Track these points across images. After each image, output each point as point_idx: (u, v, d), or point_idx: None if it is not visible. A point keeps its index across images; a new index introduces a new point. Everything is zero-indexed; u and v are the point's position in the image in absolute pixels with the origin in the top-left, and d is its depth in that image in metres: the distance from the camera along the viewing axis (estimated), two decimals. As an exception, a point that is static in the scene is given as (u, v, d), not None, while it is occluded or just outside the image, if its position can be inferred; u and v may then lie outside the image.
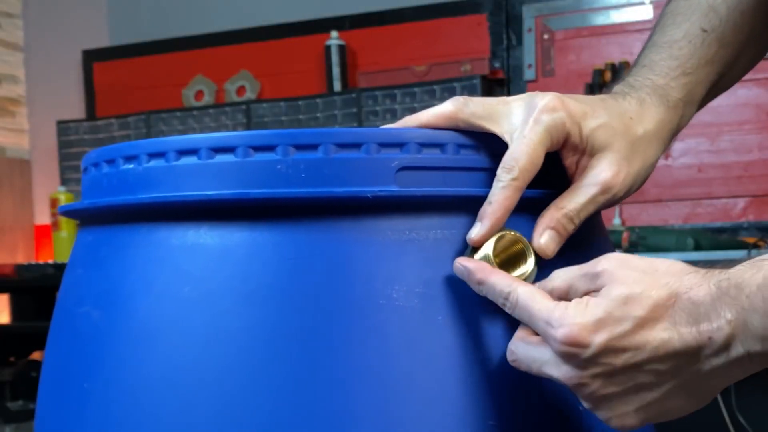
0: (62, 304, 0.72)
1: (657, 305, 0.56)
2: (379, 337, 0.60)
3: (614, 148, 0.66)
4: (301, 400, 0.59)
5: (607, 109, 0.67)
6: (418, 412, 0.60)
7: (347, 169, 0.61)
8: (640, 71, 0.74)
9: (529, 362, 0.59)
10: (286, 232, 0.61)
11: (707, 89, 0.77)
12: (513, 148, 0.63)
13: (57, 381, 0.70)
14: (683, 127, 0.74)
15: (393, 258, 0.61)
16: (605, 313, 0.56)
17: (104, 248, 0.67)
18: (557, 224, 0.64)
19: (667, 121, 0.71)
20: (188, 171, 0.62)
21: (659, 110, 0.70)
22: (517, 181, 0.62)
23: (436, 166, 0.63)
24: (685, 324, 0.55)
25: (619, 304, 0.56)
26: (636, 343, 0.56)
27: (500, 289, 0.60)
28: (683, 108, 0.73)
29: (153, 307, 0.63)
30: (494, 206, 0.62)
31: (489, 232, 0.62)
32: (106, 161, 0.67)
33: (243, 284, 0.61)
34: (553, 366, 0.58)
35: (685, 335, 0.55)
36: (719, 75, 0.77)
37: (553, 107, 0.63)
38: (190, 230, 0.62)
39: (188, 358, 0.61)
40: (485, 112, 0.65)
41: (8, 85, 3.55)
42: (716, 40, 0.76)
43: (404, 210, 0.62)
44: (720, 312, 0.55)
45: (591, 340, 0.56)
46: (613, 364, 0.56)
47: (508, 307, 0.60)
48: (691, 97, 0.74)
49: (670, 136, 0.72)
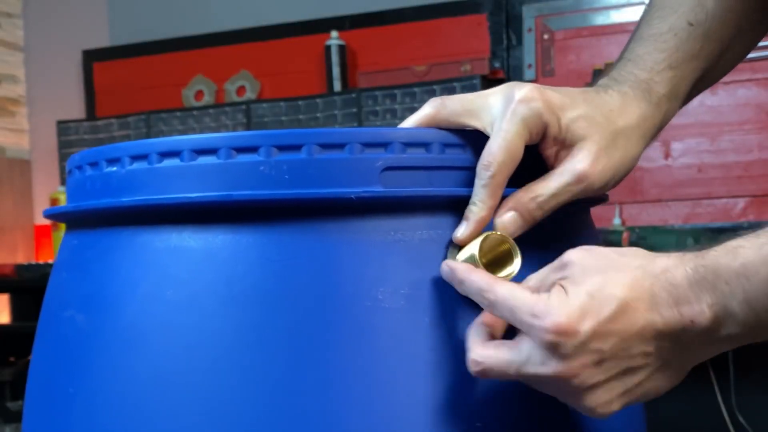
0: (48, 307, 0.72)
1: (635, 285, 0.56)
2: (365, 338, 0.60)
3: (593, 138, 0.65)
4: (287, 403, 0.59)
5: (588, 101, 0.66)
6: (405, 414, 0.60)
7: (331, 169, 0.60)
8: (624, 65, 0.73)
9: (503, 367, 0.58)
10: (270, 233, 0.61)
11: (691, 84, 0.76)
12: (490, 143, 0.62)
13: (43, 385, 0.69)
14: (666, 123, 0.73)
15: (378, 259, 0.61)
16: (588, 297, 0.56)
17: (88, 251, 0.67)
18: (522, 207, 0.63)
19: (649, 116, 0.70)
20: (171, 173, 0.62)
21: (641, 105, 0.70)
22: (496, 177, 0.61)
23: (421, 166, 0.62)
24: (666, 305, 0.55)
25: (598, 287, 0.56)
26: (622, 327, 0.55)
27: (479, 287, 0.59)
28: (667, 103, 0.72)
29: (137, 311, 0.62)
30: (478, 206, 0.62)
31: (474, 232, 0.62)
32: (89, 164, 0.67)
33: (227, 286, 0.60)
34: (536, 363, 0.57)
35: (668, 317, 0.55)
36: (704, 71, 0.77)
37: (530, 98, 0.63)
38: (173, 233, 0.62)
39: (173, 360, 0.60)
40: (464, 108, 0.64)
41: (8, 85, 3.55)
42: (702, 35, 0.75)
43: (389, 210, 0.62)
44: (699, 296, 0.55)
45: (579, 328, 0.55)
46: (601, 349, 0.56)
47: (487, 305, 0.59)
48: (676, 92, 0.74)
49: (652, 132, 0.71)
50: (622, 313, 0.55)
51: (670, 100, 0.73)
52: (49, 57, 3.58)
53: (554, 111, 0.63)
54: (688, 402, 2.39)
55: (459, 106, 0.64)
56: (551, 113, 0.63)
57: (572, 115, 0.64)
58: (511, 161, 0.62)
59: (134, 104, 3.35)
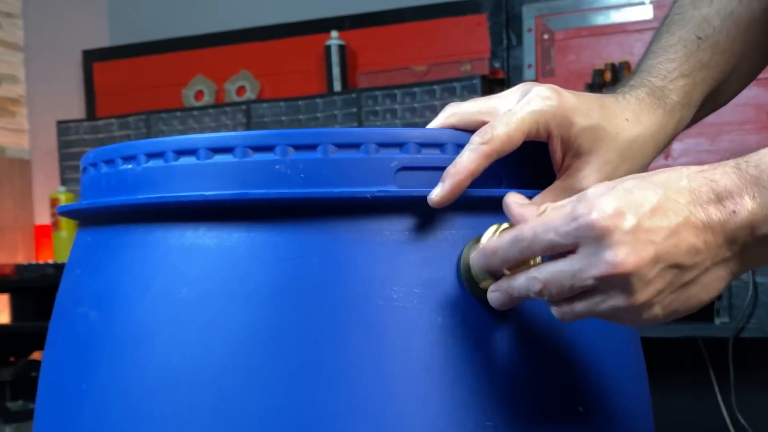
0: (61, 304, 0.72)
1: (670, 183, 0.56)
2: (377, 337, 0.60)
3: (600, 153, 0.65)
4: (299, 401, 0.59)
5: (604, 108, 0.66)
6: (417, 413, 0.60)
7: (346, 169, 0.61)
8: (639, 75, 0.75)
9: (563, 278, 0.56)
10: (285, 232, 0.61)
11: (704, 95, 0.77)
12: (494, 119, 0.62)
13: (55, 381, 0.70)
14: (679, 132, 0.74)
15: (392, 258, 0.61)
16: (625, 193, 0.55)
17: (102, 249, 0.67)
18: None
19: (663, 124, 0.71)
20: (186, 171, 0.62)
21: (657, 113, 0.70)
22: (487, 146, 0.61)
23: (436, 166, 0.62)
24: (707, 199, 0.55)
25: (634, 185, 0.55)
26: (667, 219, 0.55)
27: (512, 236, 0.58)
28: (680, 111, 0.73)
29: (151, 308, 0.62)
30: (457, 167, 0.61)
31: (449, 194, 0.61)
32: (104, 161, 0.67)
33: (241, 285, 0.61)
34: (592, 266, 0.55)
35: (710, 211, 0.55)
36: (716, 81, 0.78)
37: (547, 95, 0.63)
38: (188, 231, 0.62)
39: (186, 358, 0.61)
40: (480, 106, 0.64)
41: (8, 85, 3.55)
42: (711, 47, 0.77)
43: (404, 210, 0.62)
44: (741, 189, 0.55)
45: (625, 215, 0.54)
46: (653, 241, 0.54)
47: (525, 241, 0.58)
48: (689, 99, 0.74)
49: (665, 141, 0.71)
50: (664, 204, 0.55)
51: (683, 108, 0.73)
52: (49, 57, 3.57)
53: (567, 115, 0.64)
54: (688, 402, 2.39)
55: (475, 105, 0.65)
56: (564, 116, 0.63)
57: (584, 123, 0.64)
58: (507, 139, 0.61)
59: (134, 104, 3.34)
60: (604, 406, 0.67)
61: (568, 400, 0.64)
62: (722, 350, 2.16)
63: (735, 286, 1.99)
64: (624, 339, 0.71)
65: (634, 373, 0.72)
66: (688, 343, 2.33)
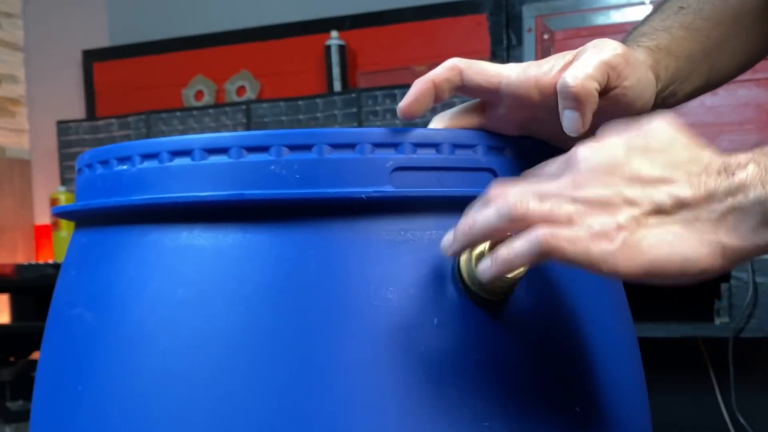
0: (56, 305, 0.72)
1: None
2: (374, 339, 0.60)
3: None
4: (295, 403, 0.59)
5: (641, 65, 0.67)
6: (413, 413, 0.60)
7: (341, 169, 0.61)
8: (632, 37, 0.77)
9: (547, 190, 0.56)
10: (281, 233, 0.61)
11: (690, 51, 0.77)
12: (570, 68, 0.62)
13: (51, 383, 0.70)
14: (673, 82, 0.74)
15: (388, 259, 0.61)
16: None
17: (98, 249, 0.67)
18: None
19: (642, 60, 0.71)
20: (182, 172, 0.62)
21: (637, 51, 0.72)
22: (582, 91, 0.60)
23: (432, 166, 0.62)
24: (710, 150, 0.55)
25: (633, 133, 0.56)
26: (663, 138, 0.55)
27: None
28: (661, 55, 0.73)
29: (146, 309, 0.62)
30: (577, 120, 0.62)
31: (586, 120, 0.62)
32: (99, 162, 0.67)
33: (237, 286, 0.60)
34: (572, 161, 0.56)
35: (713, 155, 0.54)
36: (703, 45, 0.78)
37: (615, 46, 0.63)
38: (183, 231, 0.62)
39: (182, 360, 0.60)
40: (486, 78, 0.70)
41: (8, 85, 3.55)
42: (693, 13, 0.79)
43: (399, 211, 0.62)
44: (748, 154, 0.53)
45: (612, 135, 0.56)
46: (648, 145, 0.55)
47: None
48: (669, 48, 0.75)
49: (655, 81, 0.71)
50: (656, 147, 0.55)
51: (666, 56, 0.74)
52: (49, 57, 3.58)
53: (629, 63, 0.64)
54: (688, 402, 2.39)
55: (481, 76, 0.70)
56: (626, 65, 0.64)
57: (635, 77, 0.65)
58: (601, 75, 0.62)
59: (134, 104, 3.35)
60: (602, 406, 0.66)
61: (566, 400, 0.64)
62: (722, 350, 2.16)
63: (735, 286, 1.99)
64: (622, 339, 0.71)
65: (631, 373, 0.72)
66: (687, 343, 2.33)
